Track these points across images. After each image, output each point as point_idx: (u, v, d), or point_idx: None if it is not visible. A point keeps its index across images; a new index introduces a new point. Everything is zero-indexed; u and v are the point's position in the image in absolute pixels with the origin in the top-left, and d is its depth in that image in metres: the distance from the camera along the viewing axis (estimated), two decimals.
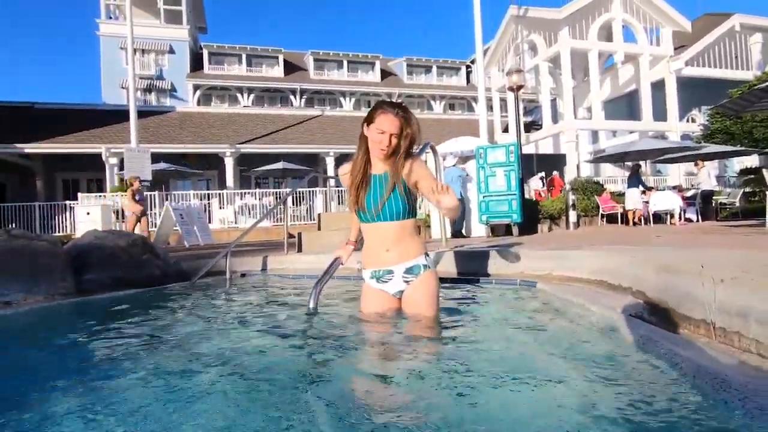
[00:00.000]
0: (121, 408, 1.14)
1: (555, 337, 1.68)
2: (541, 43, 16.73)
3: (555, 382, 1.16)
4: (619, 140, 17.94)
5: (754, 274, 1.49)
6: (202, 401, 1.15)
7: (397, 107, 1.86)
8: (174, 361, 1.56)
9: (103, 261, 3.42)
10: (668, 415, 0.92)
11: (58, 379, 1.39)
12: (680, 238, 5.08)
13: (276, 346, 1.77)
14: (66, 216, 13.97)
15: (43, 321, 2.55)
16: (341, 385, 1.30)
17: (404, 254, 1.92)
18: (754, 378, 1.09)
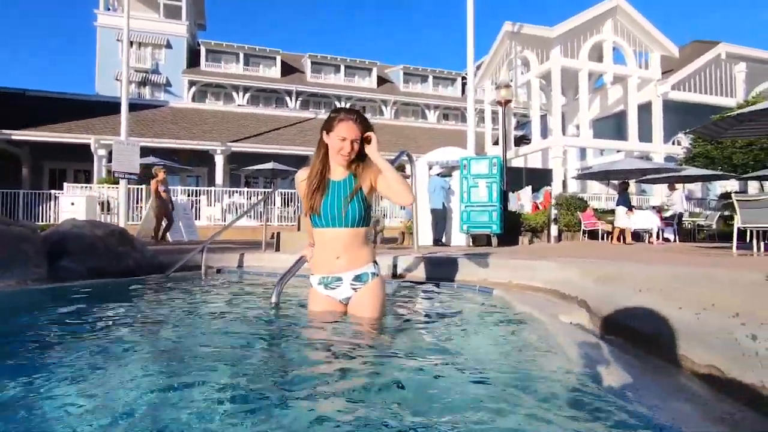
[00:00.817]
0: (59, 390, 1.23)
1: (495, 335, 1.80)
2: (534, 60, 17.08)
3: (471, 367, 1.28)
4: (606, 159, 18.33)
5: (665, 286, 1.62)
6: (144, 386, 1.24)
7: (355, 113, 1.93)
8: (125, 346, 1.65)
9: (79, 249, 3.48)
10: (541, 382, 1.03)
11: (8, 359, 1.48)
12: (647, 255, 5.26)
13: (234, 334, 1.87)
14: (50, 205, 13.86)
15: (9, 305, 2.61)
16: (283, 374, 1.40)
17: (354, 262, 1.95)
18: (631, 368, 1.21)
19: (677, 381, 1.18)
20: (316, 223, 1.97)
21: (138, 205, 14.11)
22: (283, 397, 1.13)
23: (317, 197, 1.93)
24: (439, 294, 2.87)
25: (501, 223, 7.76)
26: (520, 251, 6.26)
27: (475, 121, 29.83)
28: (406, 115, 31.78)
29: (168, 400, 1.11)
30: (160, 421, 0.99)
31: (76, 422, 0.99)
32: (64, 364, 1.42)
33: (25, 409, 1.07)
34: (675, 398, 1.05)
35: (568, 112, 20.34)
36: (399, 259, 3.73)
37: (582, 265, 2.62)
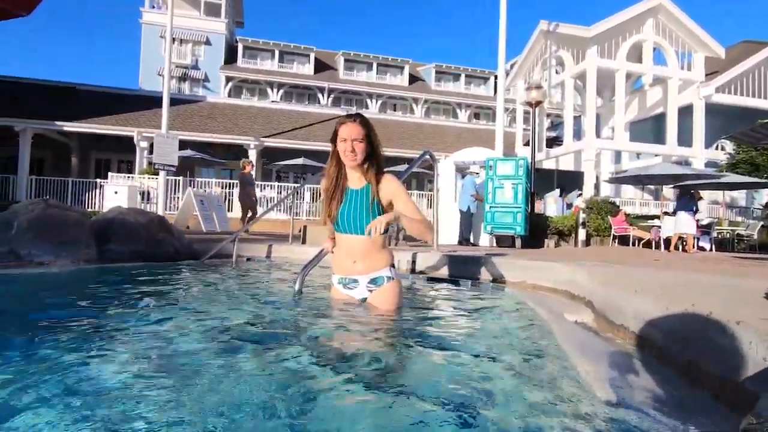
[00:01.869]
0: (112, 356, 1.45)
1: (498, 328, 1.93)
2: (569, 60, 16.73)
3: (471, 352, 1.42)
4: (642, 163, 17.76)
5: (669, 290, 1.70)
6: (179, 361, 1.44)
7: (354, 116, 2.01)
8: (162, 322, 1.87)
9: (124, 235, 3.81)
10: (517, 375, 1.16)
11: (67, 325, 1.72)
12: (675, 263, 5.18)
13: (259, 318, 2.07)
14: (96, 193, 14.75)
15: (67, 281, 2.92)
16: (306, 355, 1.58)
17: (370, 267, 2.03)
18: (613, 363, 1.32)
19: (658, 374, 1.28)
20: (336, 228, 2.07)
21: (175, 195, 14.79)
22: (298, 368, 1.31)
23: (334, 205, 2.02)
24: (453, 289, 3.00)
25: (525, 225, 7.75)
26: (542, 254, 6.26)
27: (507, 121, 29.44)
28: (437, 113, 31.71)
29: (199, 363, 1.31)
30: (196, 378, 1.18)
31: (113, 374, 1.20)
32: (118, 330, 1.65)
33: (82, 362, 1.29)
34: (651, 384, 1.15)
35: (603, 114, 19.81)
36: (418, 256, 3.88)
37: (591, 268, 2.69)
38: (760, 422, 0.80)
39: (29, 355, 1.35)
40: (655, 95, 17.72)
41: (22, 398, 1.01)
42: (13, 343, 1.49)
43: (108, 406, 0.99)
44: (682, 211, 10.61)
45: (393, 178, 2.06)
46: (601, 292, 2.17)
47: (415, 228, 1.96)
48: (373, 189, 2.00)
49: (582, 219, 11.22)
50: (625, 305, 1.80)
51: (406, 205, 2.01)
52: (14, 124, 15.25)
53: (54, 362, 1.28)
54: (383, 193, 2.01)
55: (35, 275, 2.92)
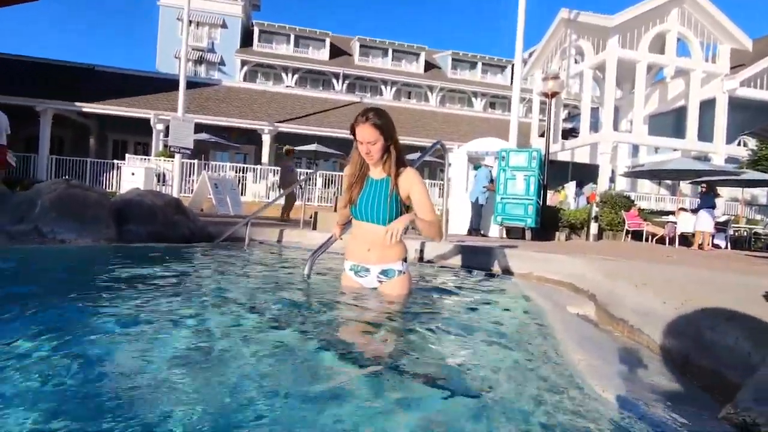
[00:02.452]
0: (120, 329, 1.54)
1: (498, 317, 1.98)
2: (589, 50, 16.38)
3: (466, 333, 1.48)
4: (659, 157, 17.42)
5: (671, 286, 1.73)
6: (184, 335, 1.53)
7: (367, 116, 1.97)
8: (176, 301, 1.97)
9: (142, 216, 3.93)
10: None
11: (87, 297, 1.83)
12: (689, 260, 5.14)
13: (267, 299, 2.15)
14: (113, 174, 15.04)
15: (88, 258, 3.05)
16: (314, 335, 1.65)
17: (383, 257, 2.06)
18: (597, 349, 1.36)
19: (653, 365, 1.32)
20: (354, 214, 2.10)
21: (190, 178, 15.01)
22: (302, 344, 1.38)
23: (355, 190, 2.07)
24: (458, 279, 3.05)
25: (536, 217, 7.72)
26: (552, 247, 6.26)
27: (523, 112, 29.01)
28: (452, 102, 31.38)
29: (207, 335, 1.39)
30: (203, 346, 1.27)
31: (123, 344, 1.29)
32: (133, 303, 1.75)
33: (101, 329, 1.39)
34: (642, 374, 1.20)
35: (622, 106, 19.41)
36: (426, 245, 3.93)
37: (597, 262, 2.71)
38: (736, 412, 0.84)
39: (37, 327, 1.45)
40: (676, 88, 17.28)
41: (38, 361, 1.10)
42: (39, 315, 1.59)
43: (116, 378, 1.07)
44: (703, 209, 10.40)
45: (413, 172, 2.08)
46: (605, 286, 2.20)
47: (426, 230, 2.00)
48: (392, 181, 2.03)
49: (595, 213, 11.12)
50: (625, 299, 1.83)
51: (422, 201, 2.04)
52: (35, 104, 15.56)
53: (71, 333, 1.38)
54: (402, 186, 2.03)
55: (57, 251, 3.05)
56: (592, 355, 1.25)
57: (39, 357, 1.13)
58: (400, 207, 2.04)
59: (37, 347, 1.20)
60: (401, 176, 2.04)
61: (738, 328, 1.06)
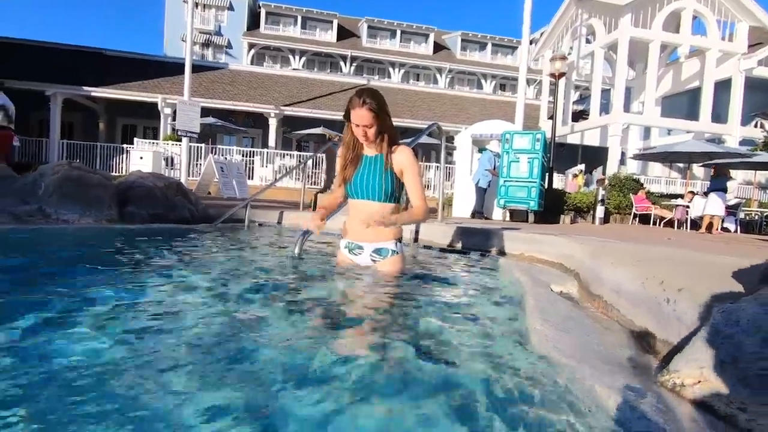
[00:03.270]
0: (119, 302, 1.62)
1: (475, 292, 2.02)
2: (601, 29, 15.95)
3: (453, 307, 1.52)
4: (672, 139, 17.07)
5: (647, 264, 1.75)
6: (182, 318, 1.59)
7: (363, 98, 1.97)
8: (177, 272, 2.04)
9: (143, 197, 4.02)
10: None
11: (85, 275, 1.90)
12: (689, 242, 5.11)
13: (258, 277, 2.22)
14: (123, 158, 15.24)
15: (89, 238, 3.15)
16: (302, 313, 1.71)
17: (376, 235, 2.07)
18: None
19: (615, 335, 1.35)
20: (349, 193, 2.11)
21: (198, 162, 15.14)
22: (289, 317, 1.44)
23: (350, 170, 2.09)
24: (446, 258, 3.09)
25: (539, 200, 7.69)
26: (554, 230, 6.25)
27: (534, 94, 28.44)
28: (461, 84, 30.93)
29: (207, 310, 1.46)
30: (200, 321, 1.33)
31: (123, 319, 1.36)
32: (133, 281, 1.83)
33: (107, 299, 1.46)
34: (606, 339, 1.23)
35: (635, 88, 18.97)
36: (421, 226, 3.96)
37: (584, 241, 2.73)
38: (669, 375, 0.88)
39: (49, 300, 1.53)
40: (691, 68, 16.81)
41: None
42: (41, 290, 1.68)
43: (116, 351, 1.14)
44: (713, 192, 10.21)
45: (407, 150, 2.10)
46: (588, 265, 2.22)
47: (410, 222, 2.05)
48: (386, 157, 2.06)
49: (601, 196, 11.00)
50: (603, 276, 1.86)
51: (414, 184, 2.08)
52: (45, 89, 15.72)
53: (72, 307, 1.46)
54: (396, 163, 2.06)
55: (59, 231, 3.16)
56: (553, 327, 1.29)
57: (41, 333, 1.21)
58: (394, 182, 2.07)
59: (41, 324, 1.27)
60: (395, 153, 2.07)
61: (688, 299, 1.08)
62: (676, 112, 17.54)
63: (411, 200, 2.12)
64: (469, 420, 0.83)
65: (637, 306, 1.38)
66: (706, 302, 1.04)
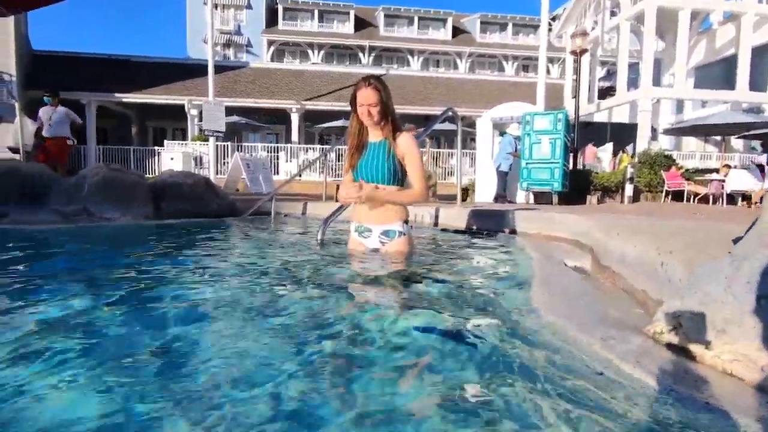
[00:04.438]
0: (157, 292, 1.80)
1: (487, 266, 2.11)
2: (626, 1, 15.32)
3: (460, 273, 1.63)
4: (706, 111, 16.30)
5: (654, 235, 1.79)
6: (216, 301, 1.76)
7: (370, 80, 2.15)
8: (208, 264, 2.22)
9: (174, 194, 4.27)
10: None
11: (131, 267, 2.11)
12: (717, 216, 4.98)
13: (285, 262, 2.38)
14: (155, 160, 15.88)
15: (132, 234, 3.41)
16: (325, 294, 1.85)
17: (383, 217, 2.19)
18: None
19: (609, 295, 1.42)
20: (356, 178, 2.24)
21: (225, 160, 15.60)
22: (311, 304, 1.58)
23: (356, 157, 2.23)
24: (464, 239, 3.17)
25: (563, 181, 7.59)
26: (580, 210, 6.19)
27: (558, 72, 27.57)
28: (482, 67, 30.38)
29: (231, 290, 1.62)
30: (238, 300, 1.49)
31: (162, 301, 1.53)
32: (179, 269, 2.02)
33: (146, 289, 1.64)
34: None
35: (664, 59, 18.14)
36: (440, 211, 4.05)
37: (599, 218, 2.75)
38: (652, 326, 0.96)
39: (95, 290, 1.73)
40: (725, 35, 15.94)
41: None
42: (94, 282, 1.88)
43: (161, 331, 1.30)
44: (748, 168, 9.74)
45: (409, 137, 2.23)
46: (600, 240, 2.27)
47: (405, 201, 2.19)
48: (390, 143, 2.18)
49: (630, 174, 10.70)
50: (611, 248, 1.91)
51: (414, 167, 2.20)
52: (81, 98, 16.51)
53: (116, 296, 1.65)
54: (399, 149, 2.19)
55: (106, 228, 3.43)
56: (556, 294, 1.38)
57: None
58: (397, 167, 2.19)
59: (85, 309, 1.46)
60: (398, 139, 2.19)
61: (678, 261, 1.14)
62: (711, 83, 16.71)
63: (411, 183, 2.24)
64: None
65: (638, 272, 1.44)
66: (693, 263, 1.10)
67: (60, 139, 7.11)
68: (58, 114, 7.08)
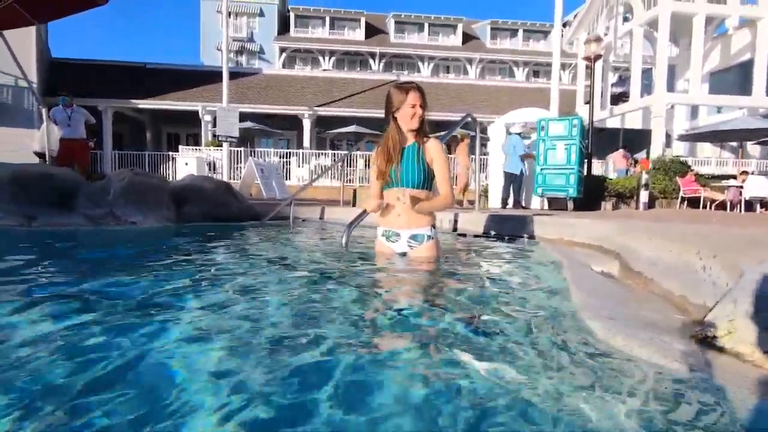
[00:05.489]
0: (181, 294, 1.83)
1: (517, 272, 2.12)
2: (639, 6, 15.26)
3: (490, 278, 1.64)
4: (722, 117, 16.11)
5: (682, 239, 1.79)
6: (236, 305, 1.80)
7: (413, 84, 2.21)
8: (234, 269, 2.26)
9: (196, 198, 4.34)
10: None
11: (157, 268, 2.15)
12: (735, 223, 4.92)
13: (311, 265, 2.41)
14: (169, 165, 16.09)
15: (156, 235, 3.47)
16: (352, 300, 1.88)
17: (412, 222, 2.20)
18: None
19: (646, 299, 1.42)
20: (393, 182, 2.22)
21: (238, 165, 15.77)
22: (340, 305, 1.61)
23: (394, 163, 2.19)
24: (486, 243, 3.18)
25: (578, 187, 7.55)
26: (594, 216, 6.14)
27: (569, 78, 27.48)
28: (492, 73, 30.38)
29: (264, 292, 1.65)
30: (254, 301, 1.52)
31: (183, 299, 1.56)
32: (198, 271, 2.06)
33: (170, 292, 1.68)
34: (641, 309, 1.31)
35: (679, 65, 18.00)
36: (459, 216, 4.06)
37: (620, 222, 2.75)
38: (702, 329, 0.97)
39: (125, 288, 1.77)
40: (741, 40, 15.78)
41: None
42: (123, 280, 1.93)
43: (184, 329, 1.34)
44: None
45: (437, 142, 2.27)
46: (625, 244, 2.26)
47: (439, 208, 2.23)
48: (420, 147, 2.21)
49: (645, 180, 10.59)
50: (641, 252, 1.91)
51: (442, 173, 2.23)
52: (98, 104, 16.84)
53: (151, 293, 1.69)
54: (428, 153, 2.22)
55: (131, 231, 3.49)
56: (591, 297, 1.38)
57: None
58: (427, 170, 2.22)
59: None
60: (428, 143, 2.23)
61: (720, 265, 1.15)
62: (726, 89, 16.51)
63: (439, 188, 2.25)
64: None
65: (673, 276, 1.44)
66: (737, 267, 1.10)
67: (82, 140, 7.25)
68: (77, 114, 7.18)
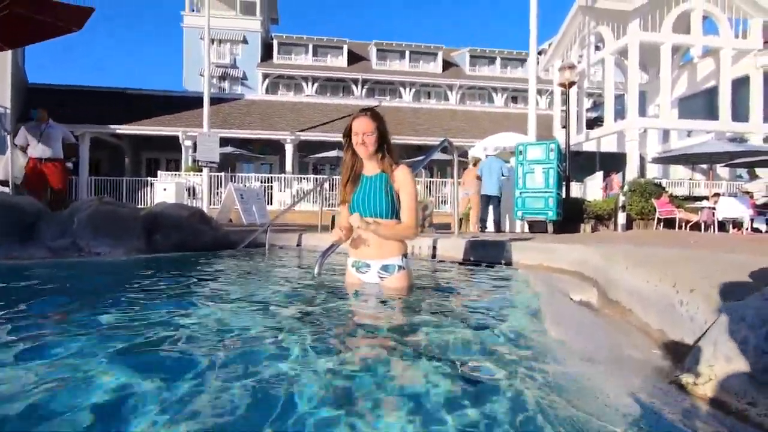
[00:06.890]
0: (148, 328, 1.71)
1: (495, 301, 2.05)
2: (609, 36, 15.95)
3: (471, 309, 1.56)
4: (692, 141, 16.73)
5: (662, 265, 1.75)
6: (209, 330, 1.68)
7: (367, 110, 2.16)
8: (198, 300, 2.14)
9: (168, 227, 4.19)
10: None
11: (113, 305, 2.02)
12: (712, 244, 4.99)
13: (280, 296, 2.30)
14: (148, 191, 15.79)
15: (121, 270, 3.30)
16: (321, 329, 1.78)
17: (382, 252, 2.14)
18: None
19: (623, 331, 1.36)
20: (351, 211, 2.17)
21: (218, 190, 15.56)
22: (310, 332, 1.51)
23: (349, 189, 2.20)
24: (465, 272, 3.11)
25: (557, 210, 7.62)
26: (575, 239, 6.17)
27: (546, 104, 28.35)
28: (472, 99, 31.14)
29: (230, 326, 1.54)
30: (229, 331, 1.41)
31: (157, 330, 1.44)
32: (168, 304, 1.93)
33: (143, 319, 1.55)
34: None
35: (649, 91, 18.77)
36: (438, 242, 4.00)
37: (599, 247, 2.72)
38: (681, 374, 0.90)
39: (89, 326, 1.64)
40: (706, 68, 16.58)
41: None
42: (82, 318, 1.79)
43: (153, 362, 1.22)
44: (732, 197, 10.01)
45: (406, 169, 2.19)
46: (604, 270, 2.23)
47: (395, 236, 2.14)
48: (389, 177, 2.15)
49: (622, 202, 10.82)
50: (618, 281, 1.87)
51: (408, 202, 2.15)
52: (74, 129, 16.51)
53: (108, 331, 1.56)
54: (397, 181, 2.15)
55: (93, 264, 3.32)
56: (570, 333, 1.32)
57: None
58: (395, 200, 2.15)
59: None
60: (396, 171, 2.16)
61: (700, 300, 1.10)
62: (695, 113, 17.23)
63: (402, 217, 2.18)
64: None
65: (651, 308, 1.39)
66: (715, 301, 1.06)
67: (57, 160, 6.00)
68: (53, 130, 6.10)
